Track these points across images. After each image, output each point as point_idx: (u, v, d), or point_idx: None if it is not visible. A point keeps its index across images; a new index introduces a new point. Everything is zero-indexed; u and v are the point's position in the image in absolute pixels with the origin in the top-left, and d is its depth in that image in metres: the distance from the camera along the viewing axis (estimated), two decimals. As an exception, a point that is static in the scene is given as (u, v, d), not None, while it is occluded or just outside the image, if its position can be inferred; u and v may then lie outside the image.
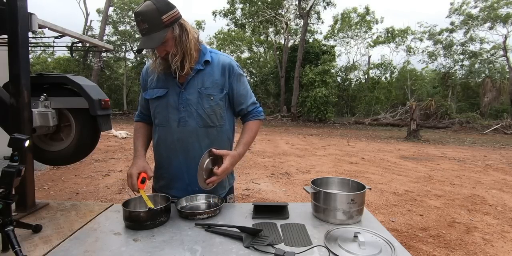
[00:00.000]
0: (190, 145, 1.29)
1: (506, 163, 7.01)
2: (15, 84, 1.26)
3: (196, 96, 1.26)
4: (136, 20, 1.13)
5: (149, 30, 1.12)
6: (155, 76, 1.29)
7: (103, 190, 4.30)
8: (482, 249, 2.72)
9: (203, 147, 1.29)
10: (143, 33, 1.13)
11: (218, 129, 1.32)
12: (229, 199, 1.48)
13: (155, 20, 1.11)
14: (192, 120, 1.27)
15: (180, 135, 1.28)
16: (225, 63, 1.30)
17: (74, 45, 2.20)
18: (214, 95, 1.27)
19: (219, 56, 1.32)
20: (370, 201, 3.98)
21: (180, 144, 1.29)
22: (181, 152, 1.30)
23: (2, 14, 1.26)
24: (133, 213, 1.06)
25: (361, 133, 14.13)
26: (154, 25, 1.12)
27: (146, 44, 1.14)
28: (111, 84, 24.63)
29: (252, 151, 7.88)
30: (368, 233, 0.99)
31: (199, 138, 1.29)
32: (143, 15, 1.11)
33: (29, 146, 1.00)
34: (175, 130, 1.28)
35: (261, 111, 1.43)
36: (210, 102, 1.27)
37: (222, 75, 1.29)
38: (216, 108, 1.29)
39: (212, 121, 1.29)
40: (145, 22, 1.11)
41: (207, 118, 1.28)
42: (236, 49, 26.28)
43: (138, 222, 1.06)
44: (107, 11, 20.21)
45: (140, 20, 1.11)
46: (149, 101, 1.34)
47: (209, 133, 1.30)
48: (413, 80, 24.39)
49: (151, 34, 1.12)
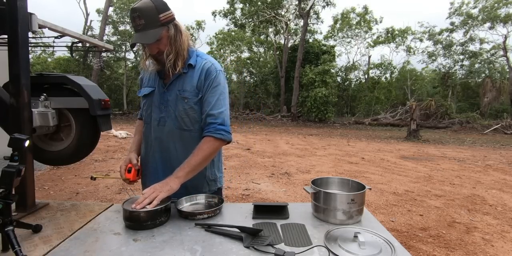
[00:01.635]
0: (166, 145, 1.32)
1: (506, 163, 7.01)
2: (15, 84, 1.26)
3: (174, 98, 1.28)
4: (132, 16, 1.15)
5: (145, 27, 1.14)
6: (149, 74, 1.36)
7: (103, 190, 4.30)
8: (482, 249, 2.72)
9: (178, 148, 1.32)
10: (138, 29, 1.15)
11: (192, 133, 1.31)
12: None
13: (152, 17, 1.14)
14: (170, 121, 1.30)
15: (158, 134, 1.32)
16: (205, 68, 1.27)
17: (74, 45, 2.20)
18: (189, 98, 1.27)
19: (204, 60, 1.29)
20: (370, 201, 3.98)
21: (158, 143, 1.33)
22: (158, 151, 1.34)
23: (2, 14, 1.26)
24: (133, 213, 1.06)
25: (361, 133, 14.13)
26: (151, 22, 1.14)
27: (141, 39, 1.16)
28: (111, 84, 24.64)
29: (252, 151, 7.88)
30: (368, 233, 0.99)
31: (174, 139, 1.31)
32: (140, 11, 1.13)
33: (29, 146, 1.00)
34: (155, 128, 1.33)
35: (220, 129, 1.24)
36: (184, 105, 1.27)
37: (199, 80, 1.27)
38: (189, 112, 1.28)
39: (186, 124, 1.29)
40: (142, 18, 1.13)
41: (181, 120, 1.29)
42: (236, 49, 26.26)
43: (138, 222, 1.06)
44: (107, 11, 20.22)
45: (137, 16, 1.13)
46: (141, 98, 1.41)
47: (183, 135, 1.31)
48: (413, 80, 24.40)
49: (147, 31, 1.15)
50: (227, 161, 6.39)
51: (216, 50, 26.20)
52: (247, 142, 9.50)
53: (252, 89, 25.17)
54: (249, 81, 26.97)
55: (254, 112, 21.47)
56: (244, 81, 26.50)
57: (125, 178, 1.30)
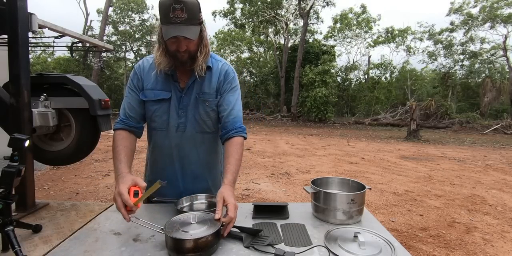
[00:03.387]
0: (187, 151, 1.28)
1: (506, 163, 7.01)
2: (15, 84, 1.26)
3: (194, 101, 1.25)
4: (173, 6, 1.03)
5: (186, 21, 1.06)
6: (154, 75, 1.23)
7: (103, 190, 4.30)
8: (482, 249, 2.72)
9: (200, 153, 1.29)
10: (177, 22, 1.05)
11: (213, 135, 1.31)
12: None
13: (195, 14, 1.08)
14: (190, 125, 1.26)
15: (178, 140, 1.26)
16: (224, 69, 1.29)
17: (74, 45, 2.21)
18: (210, 101, 1.26)
19: (219, 63, 1.30)
20: (370, 201, 3.98)
21: (178, 150, 1.28)
22: (177, 158, 1.29)
23: (2, 14, 1.26)
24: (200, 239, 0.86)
25: (361, 133, 14.13)
26: (193, 18, 1.07)
27: (186, 33, 1.07)
28: (111, 84, 24.63)
29: (252, 151, 7.88)
30: (368, 233, 0.99)
31: (196, 144, 1.28)
32: (186, 4, 1.04)
33: (29, 146, 1.00)
34: (173, 135, 1.26)
35: (244, 128, 1.27)
36: (206, 107, 1.26)
37: (219, 81, 1.27)
38: (211, 114, 1.27)
39: (208, 126, 1.29)
40: (185, 12, 1.05)
41: (203, 123, 1.27)
42: (236, 49, 26.29)
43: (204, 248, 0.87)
44: (107, 11, 20.23)
45: (180, 8, 1.04)
46: (146, 103, 1.25)
47: (205, 139, 1.30)
48: (413, 80, 24.40)
49: (188, 26, 1.07)
50: (227, 161, 6.38)
51: (216, 50, 26.21)
52: (247, 142, 9.50)
53: (252, 89, 25.17)
54: (249, 81, 26.98)
55: (254, 112, 21.47)
56: (244, 81, 26.50)
57: (131, 204, 0.96)
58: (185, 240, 0.86)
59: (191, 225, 0.93)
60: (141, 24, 23.47)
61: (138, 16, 23.53)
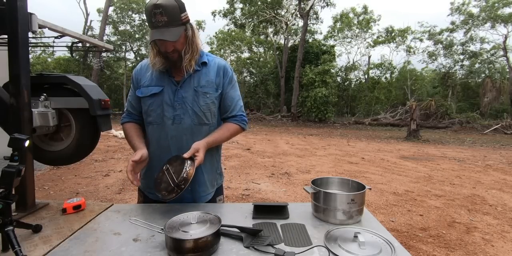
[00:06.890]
0: (184, 142, 1.29)
1: (506, 163, 7.00)
2: (15, 84, 1.26)
3: (192, 94, 1.29)
4: (153, 12, 1.12)
5: (167, 23, 1.14)
6: (150, 74, 1.32)
7: (103, 190, 4.30)
8: (482, 249, 2.72)
9: None
10: (159, 25, 1.14)
11: (211, 127, 1.34)
12: (219, 200, 1.47)
13: (175, 15, 1.14)
14: (188, 117, 1.29)
15: (174, 132, 1.29)
16: (220, 65, 1.36)
17: (74, 45, 2.21)
18: (210, 93, 1.31)
19: (215, 58, 1.38)
20: (370, 201, 3.98)
21: (174, 141, 1.30)
22: (174, 150, 1.30)
23: (2, 14, 1.26)
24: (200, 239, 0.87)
25: (361, 133, 14.13)
26: (173, 20, 1.14)
27: (165, 35, 1.14)
28: (111, 84, 24.63)
29: (252, 151, 7.88)
30: (368, 233, 0.99)
31: (193, 135, 1.30)
32: (163, 8, 1.11)
33: (29, 146, 1.00)
34: (170, 127, 1.29)
35: (245, 120, 1.41)
36: (206, 99, 1.30)
37: (217, 76, 1.34)
38: (211, 106, 1.32)
39: (207, 118, 1.32)
40: (165, 15, 1.12)
41: (202, 115, 1.30)
42: (236, 49, 26.28)
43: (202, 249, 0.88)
44: (107, 11, 20.22)
45: (159, 12, 1.12)
46: (142, 99, 1.34)
47: (203, 130, 1.32)
48: (413, 80, 24.39)
49: (169, 28, 1.14)
50: (227, 161, 6.39)
51: (216, 50, 26.20)
52: (247, 142, 9.50)
53: (252, 89, 25.16)
54: (249, 81, 26.97)
55: (254, 112, 21.47)
56: (244, 81, 26.49)
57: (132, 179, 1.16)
58: (185, 240, 0.86)
59: (191, 225, 0.94)
60: (141, 24, 23.45)
61: (138, 16, 23.50)
